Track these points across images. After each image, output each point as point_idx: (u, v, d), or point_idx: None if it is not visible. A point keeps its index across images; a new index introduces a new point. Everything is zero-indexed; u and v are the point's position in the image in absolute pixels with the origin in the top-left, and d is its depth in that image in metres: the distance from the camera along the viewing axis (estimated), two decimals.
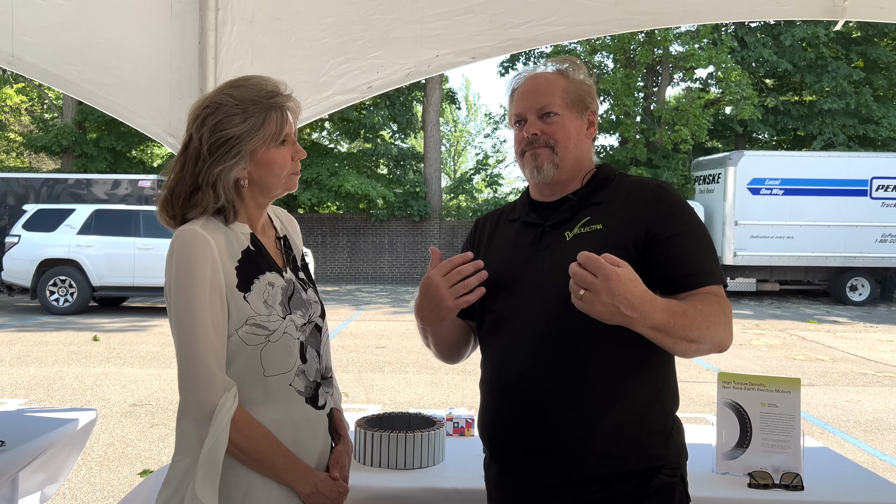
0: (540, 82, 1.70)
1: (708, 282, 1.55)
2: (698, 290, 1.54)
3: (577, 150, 1.69)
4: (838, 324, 13.51)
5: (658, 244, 1.56)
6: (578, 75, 1.71)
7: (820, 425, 6.40)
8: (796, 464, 2.20)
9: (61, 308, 12.98)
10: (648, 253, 1.56)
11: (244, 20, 2.88)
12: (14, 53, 2.83)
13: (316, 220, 21.44)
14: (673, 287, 1.54)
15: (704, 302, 1.50)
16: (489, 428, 1.67)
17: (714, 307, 1.50)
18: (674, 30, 20.84)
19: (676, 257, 1.55)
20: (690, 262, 1.55)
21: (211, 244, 1.46)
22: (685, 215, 1.60)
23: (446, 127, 38.37)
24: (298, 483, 1.51)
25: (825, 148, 20.60)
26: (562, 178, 1.68)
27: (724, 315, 1.51)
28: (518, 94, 1.72)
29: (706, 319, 1.46)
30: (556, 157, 1.66)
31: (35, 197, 15.44)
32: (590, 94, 1.72)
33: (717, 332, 1.49)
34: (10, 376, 7.80)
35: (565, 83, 1.70)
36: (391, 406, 6.76)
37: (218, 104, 1.50)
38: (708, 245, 1.60)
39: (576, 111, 1.69)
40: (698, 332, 1.45)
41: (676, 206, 1.61)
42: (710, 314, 1.48)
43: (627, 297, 1.35)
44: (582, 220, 1.63)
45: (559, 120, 1.67)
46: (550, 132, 1.66)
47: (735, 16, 2.87)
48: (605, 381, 1.55)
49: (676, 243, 1.56)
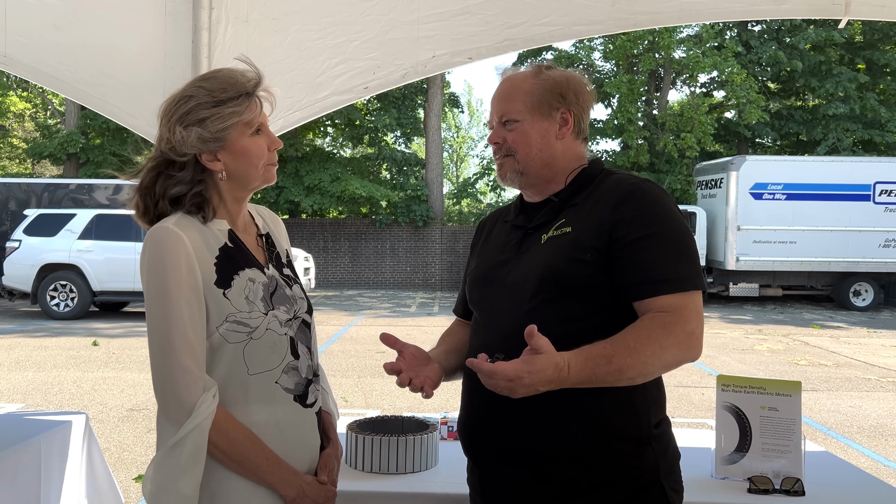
0: (506, 87, 1.68)
1: (666, 290, 1.47)
2: (652, 299, 1.47)
3: (543, 154, 1.64)
4: (841, 329, 13.44)
5: (619, 248, 1.51)
6: (553, 73, 1.66)
7: (823, 431, 6.34)
8: (797, 468, 2.15)
9: (62, 313, 12.96)
10: (612, 256, 1.51)
11: (239, 20, 2.86)
12: (7, 53, 2.81)
13: (318, 225, 21.42)
14: (630, 294, 1.50)
15: (643, 332, 1.43)
16: (462, 429, 1.69)
17: (656, 333, 1.43)
18: (676, 35, 20.85)
19: (635, 263, 1.49)
20: (648, 268, 1.48)
21: (184, 241, 1.43)
22: (652, 217, 1.52)
23: (449, 132, 38.39)
24: (283, 486, 1.48)
25: (830, 153, 20.56)
26: (531, 182, 1.66)
27: (673, 337, 1.44)
28: (491, 99, 1.72)
29: (640, 356, 1.41)
30: (518, 164, 1.65)
31: (37, 202, 15.44)
32: (562, 91, 1.64)
33: (664, 359, 1.44)
34: (8, 381, 7.77)
35: (531, 85, 1.64)
36: (390, 411, 6.72)
37: (188, 96, 1.48)
38: (675, 249, 1.51)
39: (540, 114, 1.63)
40: (632, 371, 1.42)
41: (644, 209, 1.53)
42: (648, 346, 1.42)
43: (537, 384, 1.37)
44: (558, 222, 1.61)
45: (518, 126, 1.64)
46: (511, 140, 1.65)
47: (733, 15, 2.84)
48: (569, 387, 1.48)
49: (637, 248, 1.50)
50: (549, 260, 1.55)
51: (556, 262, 1.54)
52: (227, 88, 1.48)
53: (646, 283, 1.48)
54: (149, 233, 1.45)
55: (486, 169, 27.81)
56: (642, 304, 1.49)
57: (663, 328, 1.44)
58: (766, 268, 16.43)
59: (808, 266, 16.39)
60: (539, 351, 1.36)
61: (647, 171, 20.78)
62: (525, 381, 1.35)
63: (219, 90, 1.48)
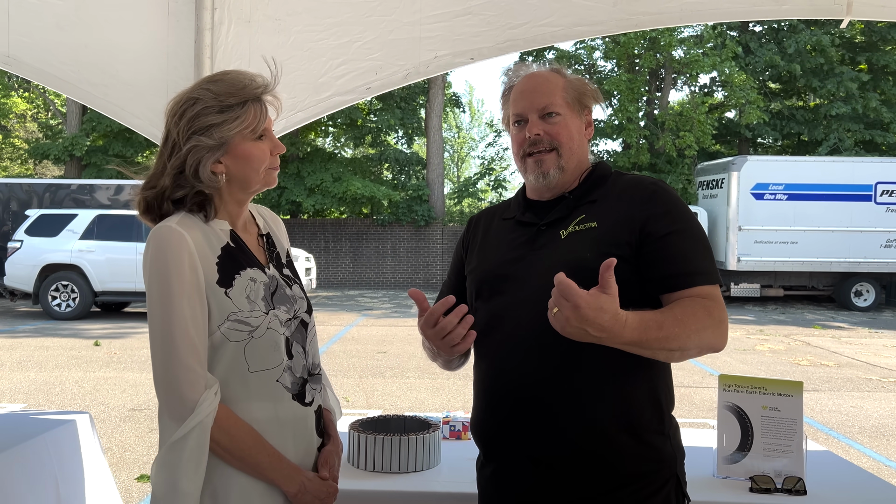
0: (539, 81, 1.67)
1: (699, 282, 1.52)
2: (688, 290, 1.51)
3: (579, 151, 1.67)
4: (843, 329, 13.44)
5: (652, 242, 1.54)
6: (573, 76, 1.70)
7: (825, 431, 6.34)
8: (799, 468, 2.15)
9: (63, 313, 12.97)
10: (642, 251, 1.54)
11: (242, 20, 2.87)
12: (10, 54, 2.82)
13: (319, 225, 21.44)
14: (664, 286, 1.53)
15: (687, 308, 1.47)
16: (482, 428, 1.65)
17: (699, 312, 1.47)
18: (677, 35, 20.85)
19: (669, 256, 1.53)
20: (683, 261, 1.53)
21: (187, 240, 1.44)
22: (680, 213, 1.58)
23: (449, 133, 38.39)
24: (285, 482, 1.49)
25: (831, 153, 20.54)
26: (565, 180, 1.66)
27: (711, 318, 1.48)
28: (516, 93, 1.69)
29: (686, 328, 1.44)
30: (562, 159, 1.63)
31: (38, 202, 15.47)
32: (588, 94, 1.69)
33: (702, 338, 1.46)
34: (10, 381, 7.78)
35: (564, 82, 1.67)
36: (392, 411, 6.72)
37: (196, 98, 1.49)
38: (702, 244, 1.58)
39: (575, 111, 1.67)
40: (677, 342, 1.43)
41: (671, 204, 1.58)
42: (692, 321, 1.45)
43: (596, 322, 1.32)
44: (577, 218, 1.61)
45: (561, 120, 1.64)
46: (554, 133, 1.63)
47: (734, 15, 2.84)
48: (597, 380, 1.52)
49: (670, 242, 1.54)
50: (576, 253, 1.56)
51: (585, 255, 1.54)
52: (235, 94, 1.49)
53: (681, 275, 1.52)
54: (152, 231, 1.46)
55: (487, 169, 27.83)
56: (673, 295, 1.52)
57: (704, 309, 1.48)
58: (767, 268, 16.41)
59: (810, 266, 16.37)
60: (607, 291, 1.34)
61: (648, 171, 20.76)
62: (584, 313, 1.30)
63: (225, 94, 1.48)
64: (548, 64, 1.72)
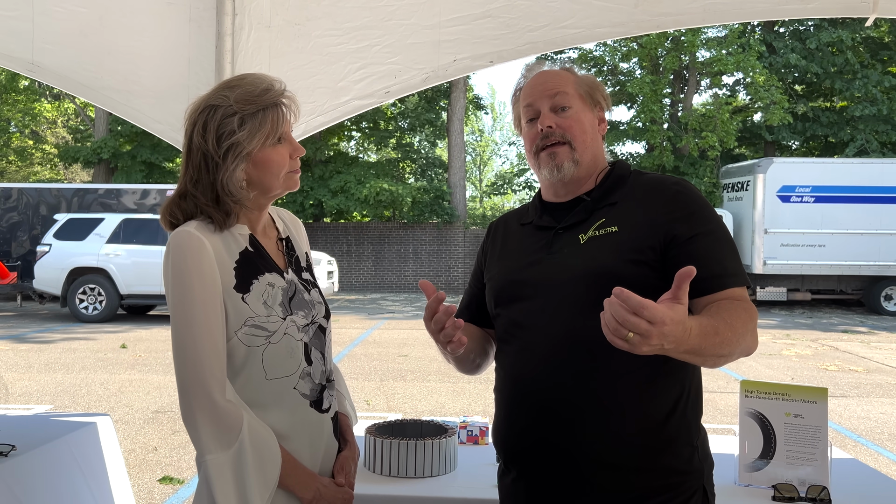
0: (549, 76, 1.66)
1: (732, 283, 1.48)
2: (720, 292, 1.46)
3: (593, 145, 1.63)
4: (873, 334, 13.18)
5: (678, 246, 1.49)
6: (584, 73, 1.68)
7: (853, 437, 6.22)
8: (823, 476, 2.11)
9: (90, 316, 13.17)
10: (669, 255, 1.50)
11: (261, 25, 2.89)
12: (34, 61, 2.86)
13: (341, 229, 21.54)
14: (695, 290, 1.46)
15: (733, 313, 1.41)
16: (503, 435, 1.62)
17: (742, 316, 1.42)
18: (701, 35, 20.65)
19: (698, 259, 1.45)
20: (713, 263, 1.48)
21: (206, 245, 1.44)
22: (705, 214, 1.53)
23: (472, 136, 38.40)
24: (300, 488, 1.48)
25: (858, 155, 20.20)
26: (580, 175, 1.62)
27: (752, 322, 1.44)
28: (527, 88, 1.67)
29: (736, 333, 1.38)
30: (575, 153, 1.60)
31: (66, 206, 15.73)
32: (599, 90, 1.67)
33: (744, 342, 1.42)
34: (38, 383, 7.91)
35: (575, 77, 1.66)
36: (412, 415, 6.71)
37: (214, 106, 1.48)
38: (730, 245, 1.53)
39: (587, 104, 1.64)
40: (728, 347, 1.37)
41: (696, 205, 1.53)
42: (739, 325, 1.40)
43: (672, 337, 1.23)
44: (597, 221, 1.57)
45: (573, 113, 1.61)
46: (566, 126, 1.60)
47: (758, 15, 2.79)
48: (621, 388, 1.49)
49: (698, 244, 1.49)
50: (597, 259, 1.52)
51: (607, 262, 1.50)
52: (252, 101, 1.48)
53: (712, 278, 1.47)
54: (171, 237, 1.46)
55: (520, 169, 27.69)
56: (705, 299, 1.46)
57: (746, 312, 1.43)
58: (794, 271, 16.17)
59: (838, 270, 16.09)
60: (682, 301, 1.25)
61: (672, 173, 20.60)
62: (666, 328, 1.20)
63: (243, 101, 1.47)
64: (559, 64, 1.70)
